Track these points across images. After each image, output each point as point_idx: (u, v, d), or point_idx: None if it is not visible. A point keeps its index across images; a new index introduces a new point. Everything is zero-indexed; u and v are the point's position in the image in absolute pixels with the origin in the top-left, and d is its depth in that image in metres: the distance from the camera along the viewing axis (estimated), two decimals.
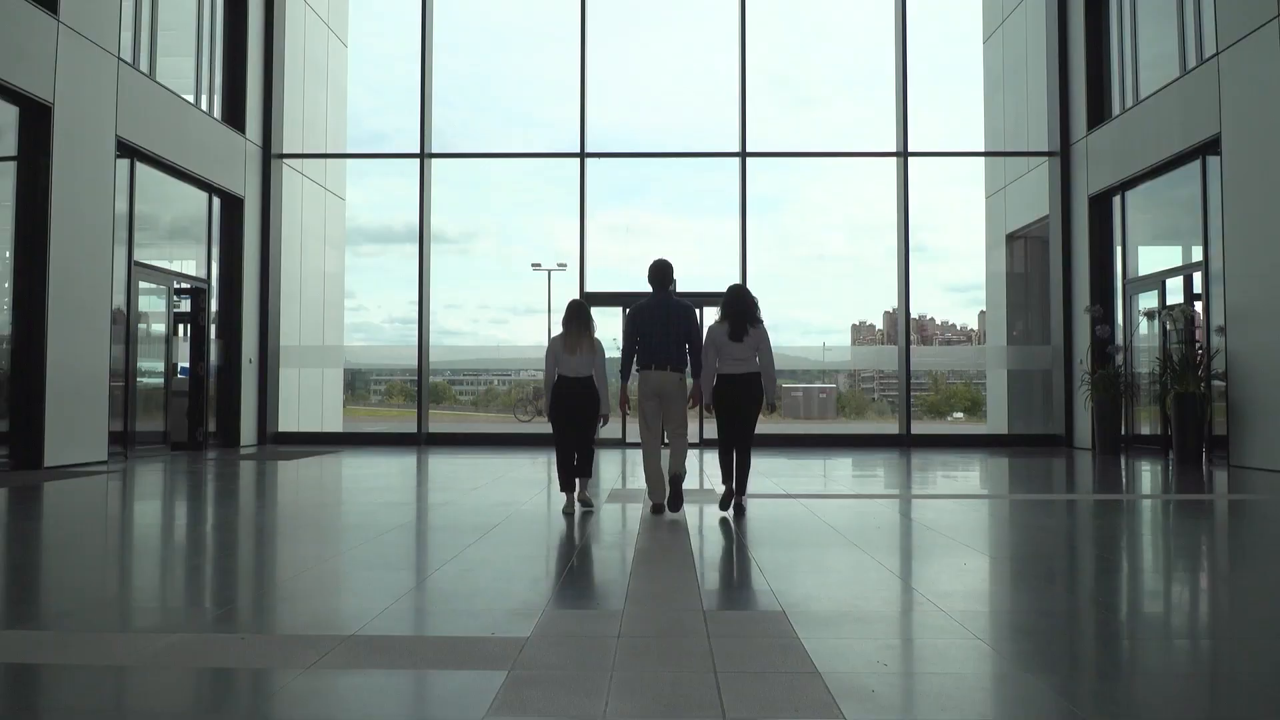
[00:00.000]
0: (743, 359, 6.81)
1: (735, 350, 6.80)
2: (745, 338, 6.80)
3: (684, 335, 6.98)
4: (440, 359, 15.79)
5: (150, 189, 12.62)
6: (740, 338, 6.79)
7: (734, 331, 6.80)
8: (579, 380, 6.93)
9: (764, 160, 15.22)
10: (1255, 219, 10.62)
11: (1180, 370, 11.61)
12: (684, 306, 7.04)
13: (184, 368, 13.54)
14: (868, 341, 16.83)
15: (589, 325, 7.03)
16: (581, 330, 6.97)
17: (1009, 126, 16.39)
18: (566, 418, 6.99)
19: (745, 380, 6.83)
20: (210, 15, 14.08)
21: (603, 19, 15.44)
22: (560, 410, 6.99)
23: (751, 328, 6.84)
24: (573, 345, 6.92)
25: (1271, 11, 10.25)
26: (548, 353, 7.07)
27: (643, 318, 6.96)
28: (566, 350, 6.93)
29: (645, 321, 6.95)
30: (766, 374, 6.89)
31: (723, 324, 6.87)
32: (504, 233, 17.39)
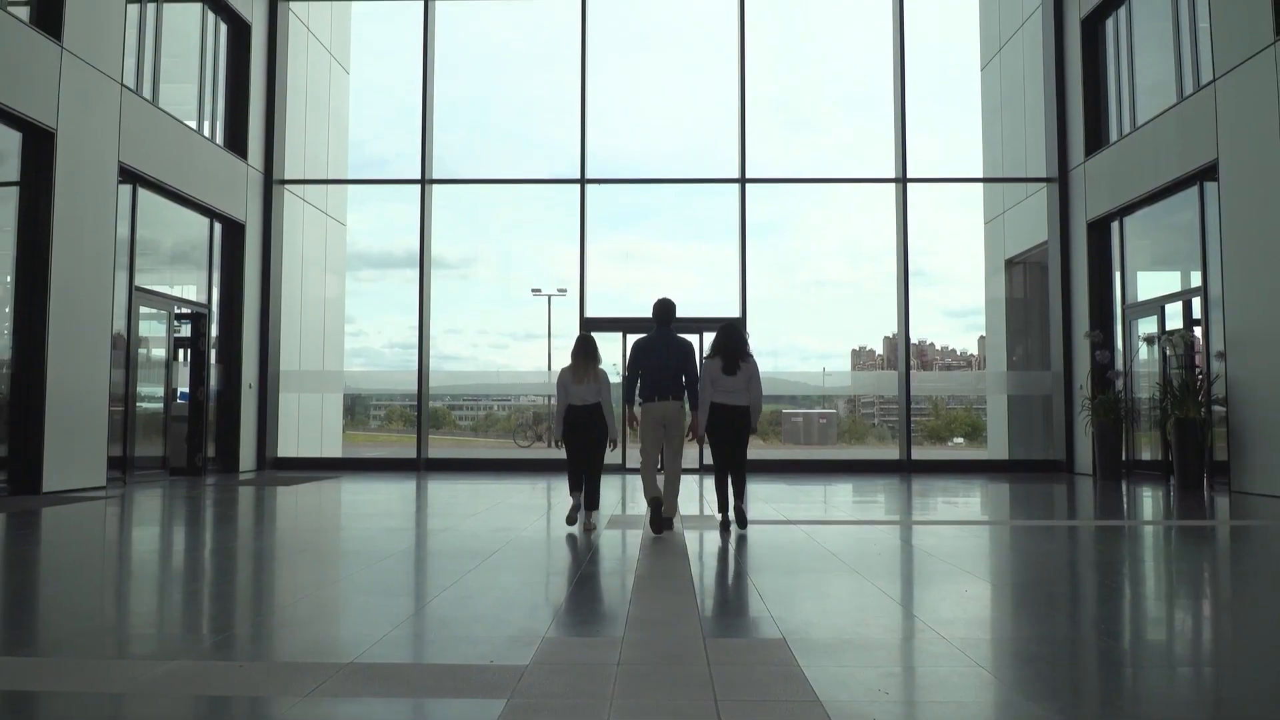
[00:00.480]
0: (735, 391, 7.41)
1: (728, 383, 7.40)
2: (738, 371, 7.39)
3: (682, 368, 7.54)
4: (440, 384, 15.79)
5: (152, 214, 12.67)
6: (733, 371, 7.39)
7: (727, 366, 7.40)
8: (587, 407, 7.58)
9: (764, 185, 15.30)
10: (1254, 244, 10.65)
11: (1180, 395, 11.60)
12: (683, 342, 7.64)
13: (184, 393, 13.54)
14: (868, 367, 16.82)
15: (595, 357, 7.66)
16: (588, 362, 7.60)
17: (1007, 152, 16.46)
18: (578, 442, 7.65)
19: (737, 410, 7.43)
20: (214, 42, 14.18)
21: (603, 45, 15.57)
22: (574, 436, 7.66)
23: (743, 362, 7.43)
24: (580, 376, 7.57)
25: (1268, 38, 10.33)
26: (558, 384, 7.71)
27: (645, 351, 7.59)
28: (575, 381, 7.57)
29: (647, 355, 7.57)
30: (755, 405, 7.49)
31: (716, 359, 7.45)
32: (504, 258, 17.45)
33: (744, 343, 7.56)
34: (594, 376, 7.58)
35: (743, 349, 7.49)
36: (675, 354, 7.54)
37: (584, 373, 7.57)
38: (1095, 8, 14.19)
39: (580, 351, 7.64)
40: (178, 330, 13.44)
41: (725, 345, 7.45)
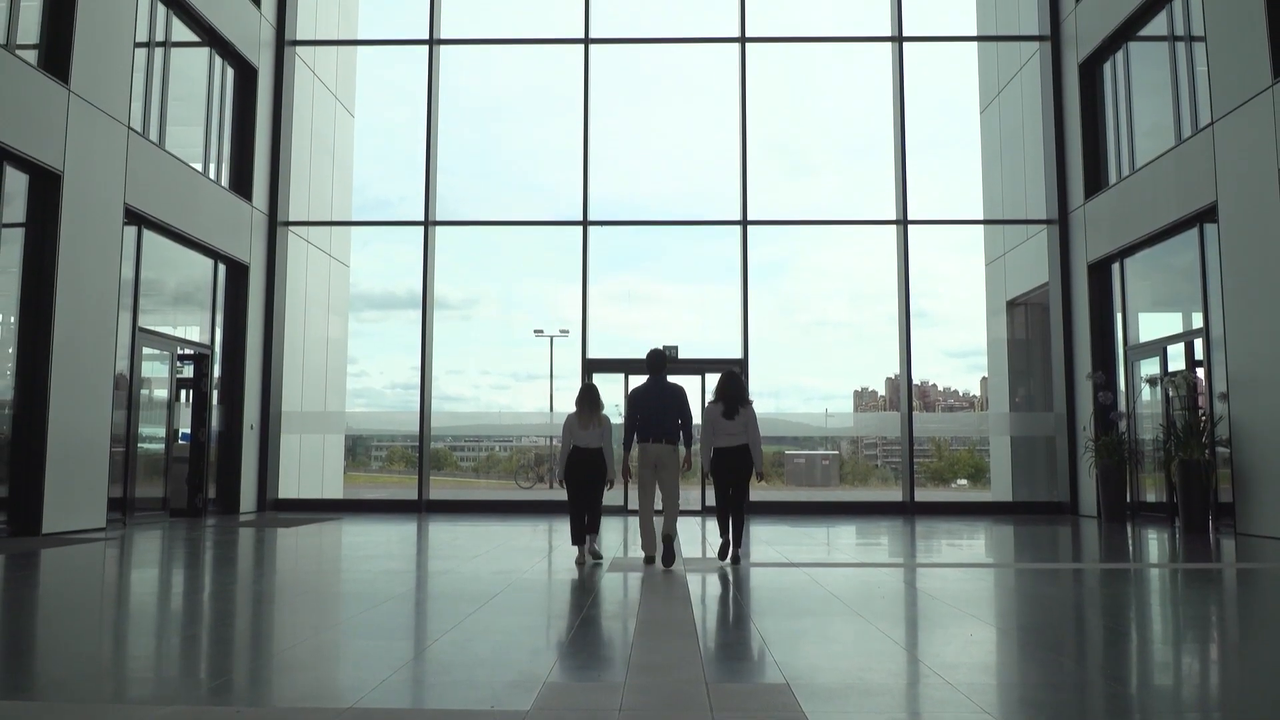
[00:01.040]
0: (734, 434, 8.11)
1: (728, 427, 8.11)
2: (736, 416, 8.11)
3: (676, 412, 8.16)
4: (441, 425, 15.78)
5: (156, 256, 12.74)
6: (732, 416, 8.11)
7: (727, 411, 8.11)
8: (590, 450, 8.23)
9: (765, 227, 15.39)
10: (1254, 286, 10.67)
11: (1184, 437, 11.57)
12: (676, 388, 8.32)
13: (185, 433, 13.52)
14: (870, 408, 16.79)
15: (599, 405, 8.37)
16: (593, 410, 8.29)
17: (1007, 194, 16.56)
18: (580, 481, 8.22)
19: (736, 452, 8.14)
20: (220, 86, 14.34)
21: (606, 88, 15.73)
22: (574, 475, 8.22)
23: (741, 408, 8.14)
24: (585, 422, 8.25)
25: (1265, 81, 10.42)
26: (564, 428, 8.36)
27: (641, 399, 8.27)
28: (580, 426, 8.24)
29: (644, 402, 8.24)
30: (754, 447, 8.20)
31: (717, 404, 8.19)
32: (506, 299, 17.50)
33: (743, 390, 8.24)
34: (598, 423, 8.26)
35: (742, 396, 8.18)
36: (668, 399, 8.18)
37: (589, 419, 8.24)
38: (1092, 53, 14.34)
39: (586, 400, 8.29)
40: (180, 371, 13.46)
41: (726, 392, 8.16)
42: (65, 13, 10.60)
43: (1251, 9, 10.62)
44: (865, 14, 16.15)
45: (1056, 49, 15.30)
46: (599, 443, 8.23)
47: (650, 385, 8.31)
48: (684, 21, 16.43)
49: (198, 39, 13.73)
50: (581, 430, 8.22)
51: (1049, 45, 15.36)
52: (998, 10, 16.88)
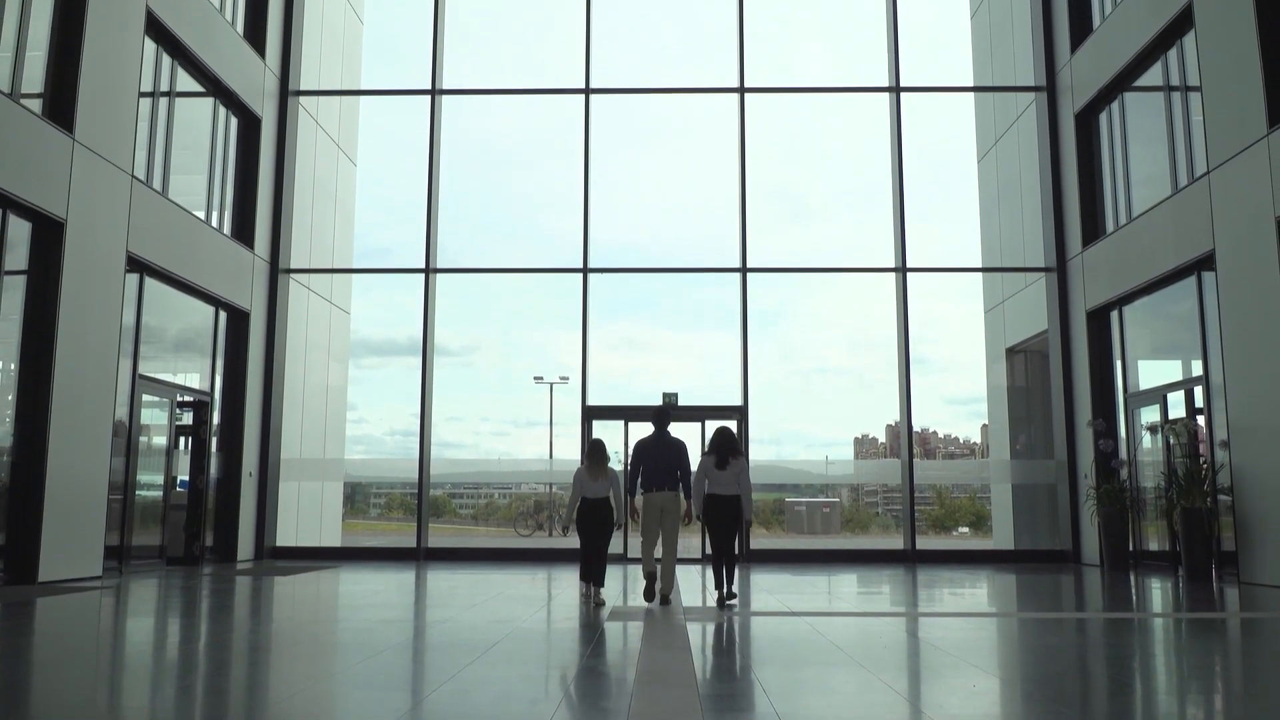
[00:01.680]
0: (727, 484, 8.73)
1: (721, 477, 8.75)
2: (728, 467, 8.73)
3: (677, 464, 8.91)
4: (440, 472, 15.73)
5: (158, 303, 12.79)
6: (724, 467, 8.73)
7: (720, 463, 8.75)
8: (599, 500, 9.14)
9: (765, 274, 15.46)
10: (1253, 334, 10.69)
11: (1185, 485, 11.53)
12: (677, 442, 9.04)
13: (183, 481, 13.48)
14: (870, 455, 16.74)
15: (606, 459, 9.23)
16: (601, 464, 9.18)
17: (1005, 242, 16.65)
18: (591, 527, 9.16)
19: (728, 500, 8.75)
20: (224, 135, 14.48)
21: (606, 136, 15.90)
22: (585, 522, 9.17)
23: (733, 459, 8.75)
24: (594, 474, 9.14)
25: (1260, 131, 10.52)
26: (574, 480, 9.30)
27: (645, 450, 9.04)
28: (590, 478, 9.14)
29: (647, 454, 9.01)
30: (745, 495, 8.82)
31: (711, 457, 8.83)
32: (506, 346, 17.51)
33: (735, 443, 8.87)
34: (605, 475, 9.15)
35: (734, 448, 8.81)
36: (670, 452, 8.94)
37: (598, 472, 9.14)
38: (1088, 103, 14.50)
39: (595, 455, 9.22)
40: (179, 418, 13.44)
41: (719, 445, 8.81)
42: (70, 62, 10.74)
43: (1246, 59, 10.76)
44: (863, 64, 16.37)
45: (1053, 99, 15.47)
46: (606, 492, 9.13)
47: (654, 439, 9.07)
48: (683, 71, 16.64)
49: (202, 89, 13.89)
50: (591, 482, 9.12)
51: (1045, 95, 15.54)
52: (994, 61, 17.10)
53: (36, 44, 10.47)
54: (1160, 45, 12.87)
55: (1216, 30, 11.41)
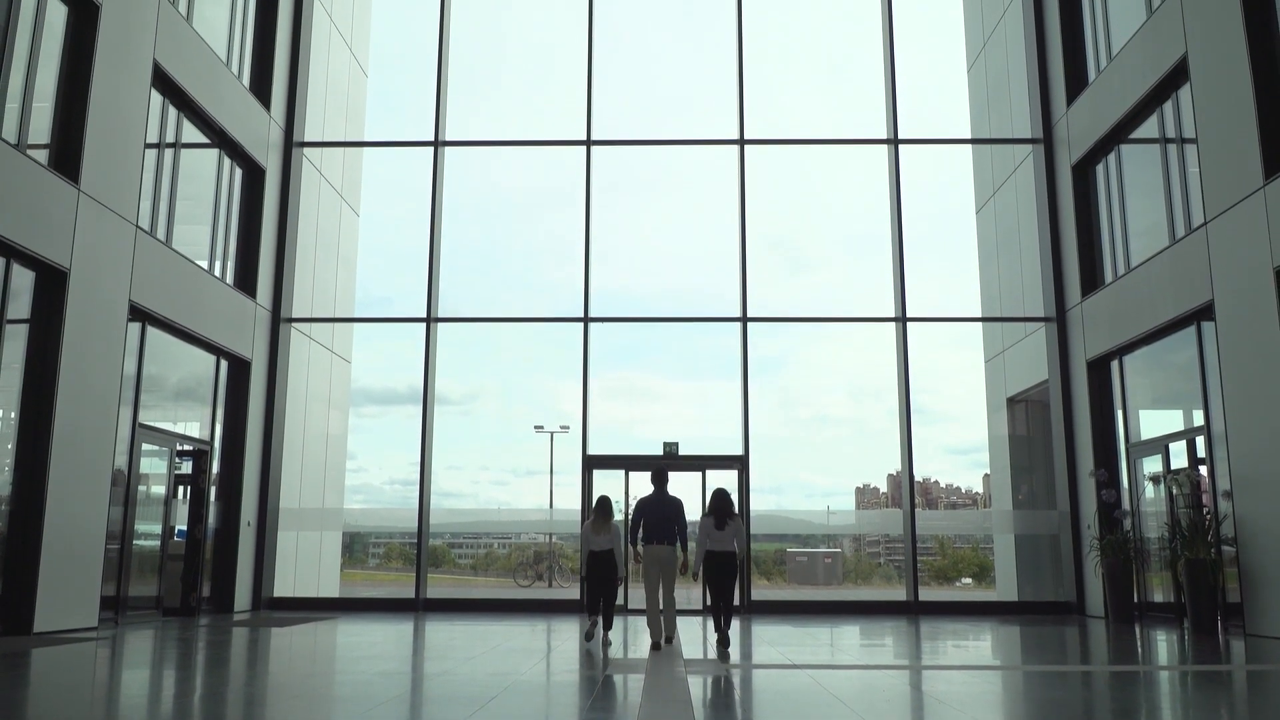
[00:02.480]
0: (723, 541, 9.62)
1: (718, 536, 9.63)
2: (725, 526, 9.61)
3: (675, 520, 9.78)
4: (440, 521, 15.65)
5: (159, 351, 12.81)
6: (722, 527, 9.62)
7: (718, 523, 9.63)
8: (604, 552, 9.98)
9: (765, 324, 15.51)
10: (1254, 384, 10.69)
11: (1189, 536, 11.46)
12: (675, 499, 9.94)
13: (181, 530, 13.40)
14: (872, 505, 16.65)
15: (611, 515, 10.14)
16: (606, 519, 10.06)
17: (1005, 292, 16.71)
18: (599, 577, 10.01)
19: (725, 555, 9.64)
20: (228, 185, 14.60)
21: (607, 187, 16.04)
22: (594, 572, 10.04)
23: (729, 520, 9.64)
24: (599, 529, 10.00)
25: (1257, 182, 10.60)
26: (581, 536, 10.34)
27: (646, 507, 9.89)
28: (595, 533, 10.00)
29: (648, 510, 9.87)
30: (740, 548, 9.89)
31: (710, 517, 9.69)
32: (506, 394, 17.50)
33: (731, 505, 9.75)
34: (609, 529, 10.01)
35: (730, 510, 9.68)
36: (669, 509, 9.81)
37: (603, 527, 10.00)
38: (1085, 154, 14.63)
39: (600, 511, 10.11)
40: (179, 467, 13.40)
41: (716, 507, 9.67)
42: (77, 114, 10.86)
43: (1242, 111, 10.87)
44: (861, 116, 16.54)
45: (1050, 151, 15.62)
46: (610, 545, 9.98)
47: (654, 496, 9.94)
48: (684, 123, 16.81)
49: (207, 140, 14.03)
50: (595, 536, 9.98)
51: (1042, 148, 15.68)
52: (991, 113, 17.28)
53: (43, 95, 10.60)
54: (1156, 98, 13.02)
55: (1212, 83, 11.54)
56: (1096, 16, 14.77)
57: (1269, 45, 10.72)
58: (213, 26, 14.09)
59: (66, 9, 10.87)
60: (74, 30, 10.97)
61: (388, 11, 18.60)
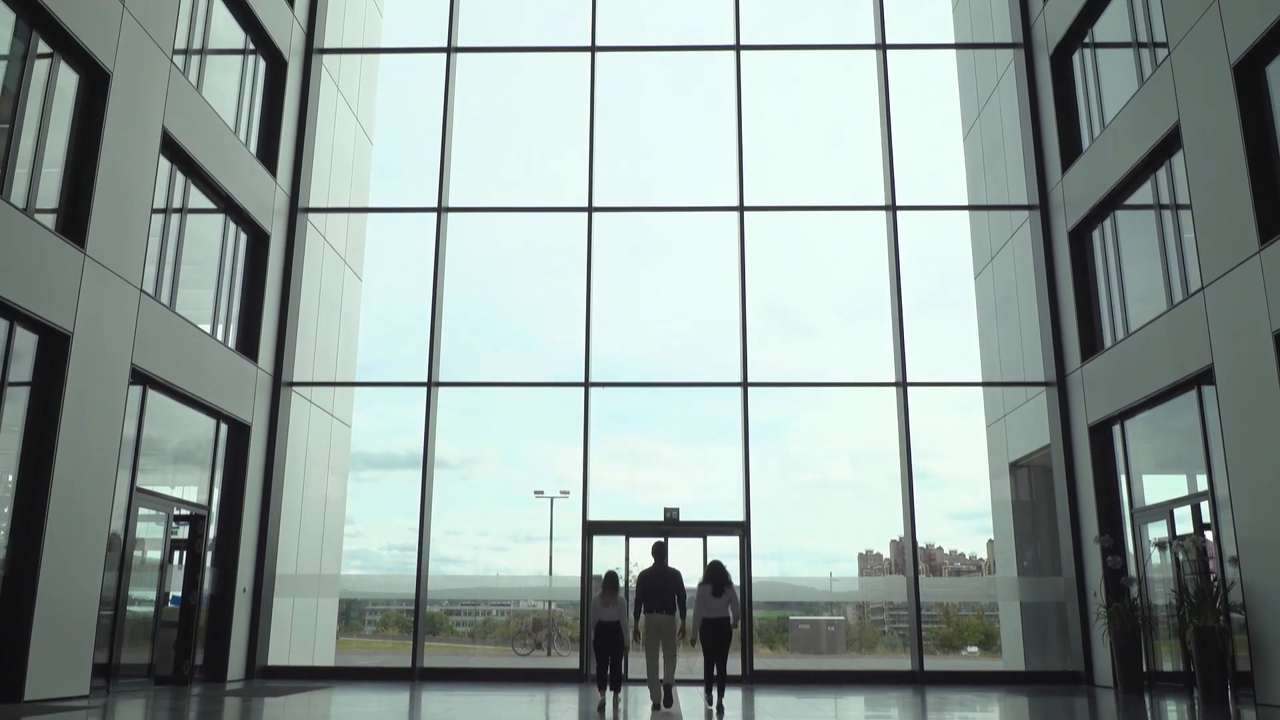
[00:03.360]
0: (718, 608, 10.65)
1: (714, 603, 10.65)
2: (721, 595, 10.63)
3: (674, 591, 10.70)
4: (438, 588, 15.47)
5: (159, 414, 12.78)
6: (718, 595, 10.64)
7: (715, 591, 10.65)
8: (612, 623, 10.83)
9: (766, 389, 15.52)
10: (1257, 448, 10.64)
11: (1197, 603, 11.31)
12: (675, 572, 10.86)
13: (175, 596, 13.24)
14: (875, 571, 16.47)
15: (618, 589, 10.99)
16: (614, 593, 10.90)
17: (1005, 357, 16.74)
18: (606, 646, 10.84)
19: (720, 622, 10.69)
20: (233, 250, 14.71)
21: (608, 252, 16.18)
22: (602, 642, 10.84)
23: (725, 589, 10.67)
24: (608, 602, 10.85)
25: (1252, 247, 10.68)
26: (591, 608, 11.50)
27: (648, 580, 10.81)
28: (603, 605, 10.85)
29: (649, 582, 10.78)
30: (735, 615, 10.87)
31: (706, 586, 10.74)
32: (506, 459, 17.43)
33: (726, 575, 10.79)
34: (616, 602, 10.86)
35: (725, 579, 10.73)
36: (668, 580, 10.74)
37: (611, 600, 10.85)
38: (1081, 220, 14.76)
39: (608, 585, 10.93)
40: (175, 532, 13.28)
41: (712, 578, 10.74)
42: (86, 179, 10.98)
43: (1235, 177, 10.98)
44: (859, 182, 16.73)
45: (1046, 217, 15.77)
46: (618, 616, 10.83)
47: (655, 569, 10.86)
48: (684, 190, 16.99)
49: (213, 206, 14.17)
50: (604, 608, 10.82)
51: (1038, 214, 15.84)
52: (987, 179, 17.48)
53: (53, 161, 10.73)
54: (1149, 165, 13.18)
55: (1204, 150, 11.69)
56: (1089, 85, 15.02)
57: (1260, 113, 10.88)
58: (222, 95, 14.32)
59: (78, 76, 11.05)
60: (85, 97, 11.15)
61: (393, 80, 18.92)
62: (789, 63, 17.56)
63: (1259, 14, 10.57)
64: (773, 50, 17.23)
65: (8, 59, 10.09)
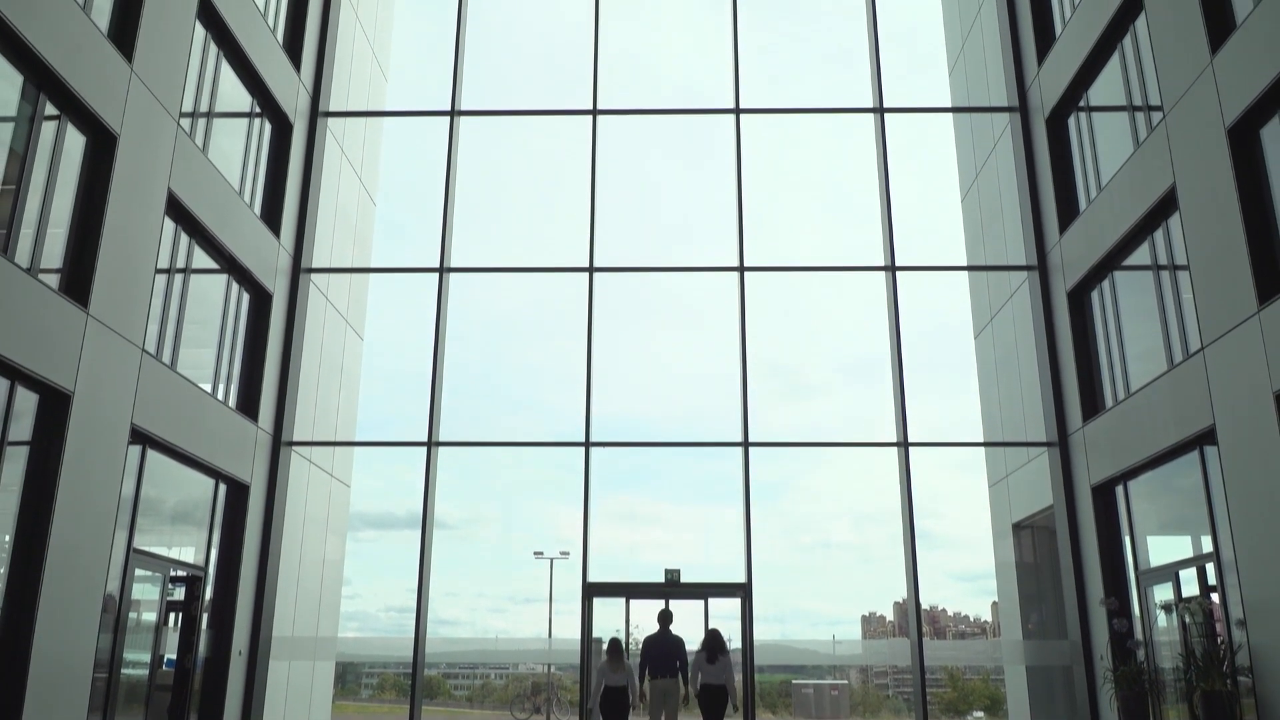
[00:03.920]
0: (715, 675, 11.64)
1: (710, 670, 11.66)
2: (716, 662, 11.65)
3: (676, 656, 11.82)
4: (436, 650, 15.27)
5: (158, 474, 12.73)
6: (714, 662, 11.68)
7: (710, 658, 11.70)
8: (618, 688, 11.74)
9: (767, 448, 15.48)
10: (1261, 509, 10.57)
11: (1204, 667, 11.16)
12: (677, 639, 12.02)
13: (170, 659, 13.06)
14: (878, 634, 16.28)
15: (624, 655, 11.98)
16: (620, 659, 11.88)
17: (1006, 417, 16.71)
18: (612, 710, 11.77)
19: (717, 688, 11.64)
20: (235, 309, 14.77)
21: (609, 312, 16.24)
22: (608, 705, 11.79)
23: (721, 655, 11.72)
24: (615, 668, 11.85)
25: (1251, 308, 10.70)
26: (597, 672, 12.29)
27: (652, 646, 11.96)
28: (610, 670, 11.85)
29: (653, 648, 11.93)
30: (730, 683, 11.88)
31: (703, 653, 11.79)
32: (506, 519, 17.33)
33: (723, 643, 11.83)
34: (623, 667, 11.81)
35: (721, 647, 11.78)
36: (672, 647, 11.87)
37: (618, 665, 11.83)
38: (1079, 281, 14.83)
39: (614, 651, 11.95)
40: (171, 593, 13.14)
41: (709, 644, 11.84)
42: (90, 240, 11.05)
43: (1232, 238, 11.04)
44: (859, 243, 16.85)
45: (1044, 277, 15.85)
46: (624, 681, 11.74)
47: (658, 635, 11.96)
48: (685, 250, 17.12)
49: (217, 266, 14.25)
50: (611, 673, 11.76)
51: (1037, 274, 15.92)
52: (985, 240, 17.60)
53: (58, 221, 10.81)
54: (1147, 227, 13.27)
55: (1201, 212, 11.78)
56: (1085, 148, 15.19)
57: (1255, 175, 10.98)
58: (227, 156, 14.49)
59: (85, 138, 11.19)
60: (91, 159, 11.27)
61: (397, 142, 19.16)
62: (788, 125, 17.79)
63: (1253, 78, 10.72)
64: (772, 114, 17.46)
65: (15, 121, 10.23)
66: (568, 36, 18.32)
